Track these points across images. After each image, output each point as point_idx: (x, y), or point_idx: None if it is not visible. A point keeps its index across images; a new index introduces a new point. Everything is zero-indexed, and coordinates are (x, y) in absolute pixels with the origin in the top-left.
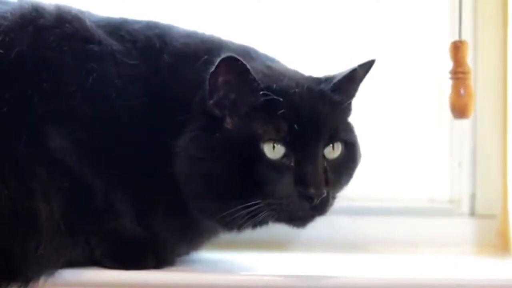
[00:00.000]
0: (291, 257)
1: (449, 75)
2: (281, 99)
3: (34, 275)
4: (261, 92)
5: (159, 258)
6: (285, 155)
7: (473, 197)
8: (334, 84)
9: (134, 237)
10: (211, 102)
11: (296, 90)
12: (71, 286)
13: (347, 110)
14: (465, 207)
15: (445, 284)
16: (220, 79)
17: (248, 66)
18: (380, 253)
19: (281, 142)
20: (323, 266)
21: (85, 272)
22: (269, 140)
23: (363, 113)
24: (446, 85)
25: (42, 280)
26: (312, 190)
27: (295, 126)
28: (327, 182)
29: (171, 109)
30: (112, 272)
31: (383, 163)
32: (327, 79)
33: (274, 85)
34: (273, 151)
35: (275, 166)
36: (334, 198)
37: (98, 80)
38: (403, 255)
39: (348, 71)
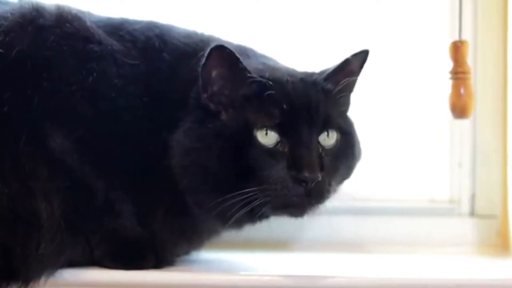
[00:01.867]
0: (291, 257)
1: (449, 75)
2: (271, 83)
3: (35, 275)
4: (251, 80)
5: (159, 258)
6: (279, 142)
7: (473, 197)
8: (328, 74)
9: (134, 237)
10: (205, 96)
11: (289, 79)
12: (71, 286)
13: (343, 101)
14: (465, 207)
15: (445, 284)
16: (213, 72)
17: (237, 54)
18: (380, 253)
19: (273, 129)
20: (323, 266)
21: (85, 272)
22: (262, 127)
23: (363, 113)
24: (446, 85)
25: (42, 280)
26: (305, 174)
27: (287, 112)
28: (322, 168)
29: (171, 108)
30: (112, 272)
31: (383, 163)
32: (321, 72)
33: (267, 74)
34: (266, 137)
35: (269, 152)
36: (331, 185)
37: (98, 80)
38: (403, 255)
39: (341, 62)
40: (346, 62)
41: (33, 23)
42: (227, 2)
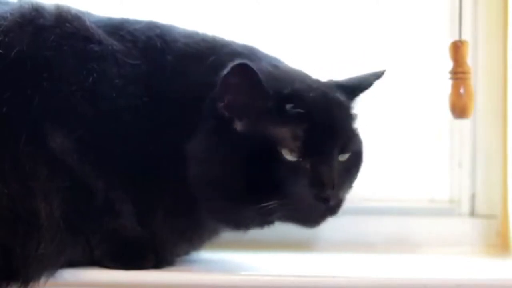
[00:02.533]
0: (291, 257)
1: (449, 75)
2: (294, 100)
3: (35, 275)
4: (271, 97)
5: (159, 258)
6: (301, 158)
7: (473, 197)
8: (352, 91)
9: (134, 237)
10: (222, 104)
11: (311, 94)
12: (71, 286)
13: (355, 115)
14: (465, 207)
15: (445, 284)
16: (232, 83)
17: (259, 75)
18: (380, 253)
19: (297, 148)
20: (323, 266)
21: (85, 272)
22: (285, 146)
23: (363, 113)
24: (446, 85)
25: (42, 280)
26: (328, 193)
27: (311, 129)
28: (338, 183)
29: (175, 110)
30: (112, 272)
31: (383, 163)
32: (340, 85)
33: (286, 90)
34: (290, 154)
35: (290, 167)
36: (343, 198)
37: (99, 80)
38: (403, 255)
39: (363, 80)
40: (367, 82)
41: (32, 23)
42: (227, 2)
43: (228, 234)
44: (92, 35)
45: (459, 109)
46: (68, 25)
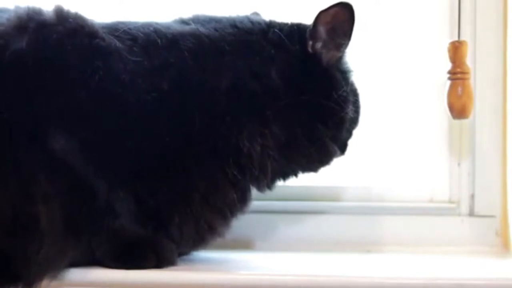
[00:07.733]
0: (291, 257)
1: (448, 75)
2: None
3: (37, 278)
4: None
5: (160, 258)
6: None
7: (472, 197)
8: None
9: (135, 237)
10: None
11: None
12: (73, 286)
13: None
14: (465, 207)
15: (445, 284)
16: None
17: None
18: (379, 253)
19: None
20: (323, 266)
21: (87, 272)
22: None
23: (363, 113)
24: (446, 85)
25: (44, 282)
26: None
27: None
28: None
29: (187, 105)
30: (112, 272)
31: (382, 163)
32: None
33: None
34: None
35: None
36: None
37: (105, 77)
38: (403, 255)
39: None
40: None
41: (33, 20)
42: (227, 3)
43: (228, 235)
44: (97, 31)
45: (459, 109)
46: (71, 21)
